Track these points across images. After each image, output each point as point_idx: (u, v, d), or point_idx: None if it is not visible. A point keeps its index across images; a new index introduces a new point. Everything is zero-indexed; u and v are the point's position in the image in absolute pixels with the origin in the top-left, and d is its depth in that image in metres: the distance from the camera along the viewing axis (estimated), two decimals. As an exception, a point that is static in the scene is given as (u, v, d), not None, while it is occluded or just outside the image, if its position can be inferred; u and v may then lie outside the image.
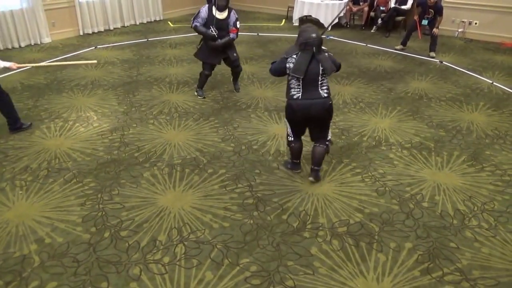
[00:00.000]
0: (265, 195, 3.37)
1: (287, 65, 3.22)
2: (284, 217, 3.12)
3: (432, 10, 6.99)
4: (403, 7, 8.55)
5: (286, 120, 3.46)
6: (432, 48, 7.20)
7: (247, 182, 3.54)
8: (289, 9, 10.12)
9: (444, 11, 7.31)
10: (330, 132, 3.46)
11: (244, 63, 6.83)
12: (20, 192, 3.38)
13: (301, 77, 3.13)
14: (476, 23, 8.38)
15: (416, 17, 7.25)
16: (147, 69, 6.44)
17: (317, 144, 3.42)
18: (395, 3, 8.63)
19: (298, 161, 3.63)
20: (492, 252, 2.80)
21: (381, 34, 8.72)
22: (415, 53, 7.41)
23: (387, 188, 3.48)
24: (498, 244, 2.87)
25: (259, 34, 8.79)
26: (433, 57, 7.15)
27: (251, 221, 3.07)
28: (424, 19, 7.12)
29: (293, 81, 3.23)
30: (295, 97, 3.22)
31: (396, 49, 7.63)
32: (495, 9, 8.06)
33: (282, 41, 8.26)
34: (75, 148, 4.07)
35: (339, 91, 5.62)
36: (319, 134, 3.41)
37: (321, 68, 3.16)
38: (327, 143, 3.43)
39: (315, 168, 3.46)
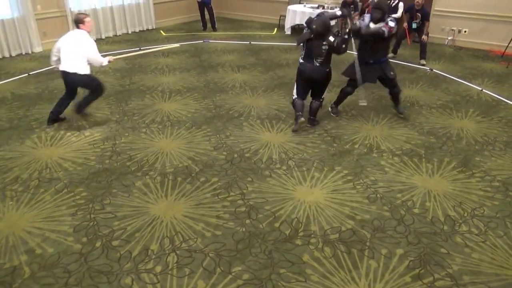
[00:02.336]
0: (257, 203, 3.38)
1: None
2: (276, 224, 3.12)
3: (419, 14, 7.15)
4: (393, 15, 8.66)
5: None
6: (422, 56, 7.31)
7: (240, 190, 3.55)
8: (281, 18, 10.22)
9: (435, 19, 7.45)
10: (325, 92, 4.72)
11: (236, 71, 6.88)
12: (11, 202, 3.35)
13: (296, 45, 4.51)
14: (465, 31, 8.53)
15: (405, 25, 7.38)
16: (140, 78, 6.45)
17: (313, 100, 4.75)
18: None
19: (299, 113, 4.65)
20: (482, 257, 2.83)
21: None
22: (406, 61, 7.51)
23: (378, 195, 3.51)
24: (488, 249, 2.90)
25: (251, 42, 8.85)
26: (423, 65, 7.26)
27: (244, 229, 3.07)
28: (413, 23, 7.25)
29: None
30: (300, 61, 4.57)
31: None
32: (483, 17, 8.21)
33: (274, 50, 8.33)
34: (66, 157, 4.05)
35: (330, 100, 5.66)
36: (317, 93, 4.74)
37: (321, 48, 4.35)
38: (321, 100, 4.73)
39: (311, 117, 4.81)
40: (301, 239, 2.98)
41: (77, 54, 4.40)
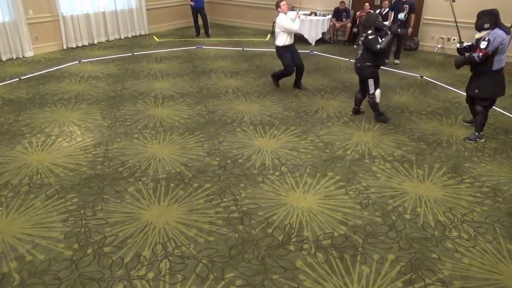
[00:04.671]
0: (250, 209, 3.39)
1: None
2: (269, 230, 3.13)
3: (406, 6, 7.44)
4: (385, 23, 8.81)
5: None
6: (397, 55, 7.72)
7: (232, 196, 3.55)
8: (274, 24, 10.27)
9: (424, 28, 7.56)
10: (370, 88, 4.98)
11: (229, 77, 6.90)
12: (0, 208, 3.31)
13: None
14: (454, 39, 8.65)
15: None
16: (132, 83, 6.44)
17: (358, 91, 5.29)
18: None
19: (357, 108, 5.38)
20: (472, 262, 2.86)
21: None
22: (397, 68, 7.60)
23: (370, 201, 3.53)
24: (477, 255, 2.93)
25: (244, 49, 8.90)
26: (397, 64, 7.67)
27: (236, 235, 3.07)
28: (399, 14, 7.50)
29: None
30: None
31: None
32: (472, 25, 8.31)
33: (267, 56, 8.37)
34: (58, 163, 4.02)
35: (322, 105, 5.72)
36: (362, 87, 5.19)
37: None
38: (369, 96, 5.04)
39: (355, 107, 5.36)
40: (294, 244, 2.99)
41: (277, 30, 6.09)
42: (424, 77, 7.14)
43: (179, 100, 5.79)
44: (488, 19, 4.36)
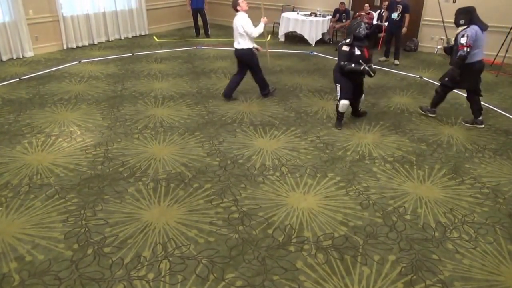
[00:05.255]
0: (250, 209, 3.38)
1: None
2: (270, 231, 3.12)
3: (400, 6, 7.54)
4: (384, 23, 8.81)
5: None
6: (396, 56, 7.83)
7: (233, 197, 3.54)
8: (275, 25, 10.29)
9: (424, 29, 7.55)
10: (337, 93, 4.88)
11: (229, 78, 6.88)
12: (0, 208, 3.31)
13: None
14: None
15: (384, 24, 7.89)
16: (132, 84, 6.43)
17: None
18: (377, 20, 8.88)
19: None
20: (472, 263, 2.86)
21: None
22: (396, 69, 7.61)
23: (370, 201, 3.53)
24: (478, 256, 2.93)
25: (244, 49, 8.88)
26: (396, 65, 7.75)
27: (237, 236, 3.06)
28: (393, 14, 7.60)
29: None
30: None
31: (379, 61, 7.94)
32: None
33: (266, 56, 8.35)
34: (58, 163, 4.02)
35: (322, 106, 5.72)
36: None
37: None
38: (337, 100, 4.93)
39: None
40: (294, 245, 2.98)
41: (240, 31, 5.43)
42: (423, 77, 7.14)
43: (179, 100, 5.79)
44: (463, 16, 4.74)
